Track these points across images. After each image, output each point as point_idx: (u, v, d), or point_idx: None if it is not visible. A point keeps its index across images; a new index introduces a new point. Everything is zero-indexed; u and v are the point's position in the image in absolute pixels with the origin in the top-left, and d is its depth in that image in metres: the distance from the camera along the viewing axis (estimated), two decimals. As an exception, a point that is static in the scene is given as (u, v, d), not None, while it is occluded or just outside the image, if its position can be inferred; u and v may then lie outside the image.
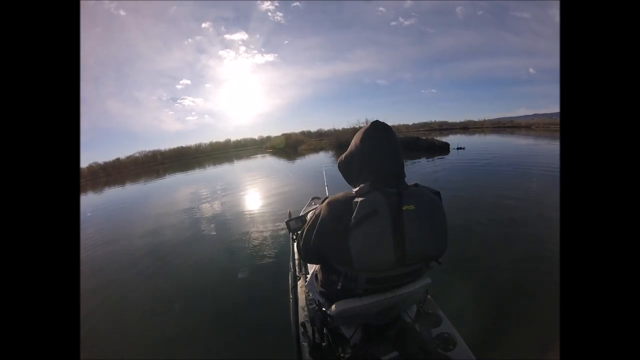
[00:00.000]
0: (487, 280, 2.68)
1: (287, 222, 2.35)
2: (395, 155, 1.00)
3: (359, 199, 0.92)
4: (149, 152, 58.99)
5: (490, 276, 2.75)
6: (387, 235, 0.89)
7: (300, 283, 1.86)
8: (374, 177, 0.98)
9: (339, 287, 1.01)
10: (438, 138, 17.45)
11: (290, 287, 1.85)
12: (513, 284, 2.58)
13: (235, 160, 27.19)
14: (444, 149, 14.03)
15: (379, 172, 0.98)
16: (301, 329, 1.40)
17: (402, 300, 1.01)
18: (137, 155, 57.06)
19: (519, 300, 2.35)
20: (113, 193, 16.32)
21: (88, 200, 14.08)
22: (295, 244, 2.29)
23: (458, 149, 13.42)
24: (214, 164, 26.86)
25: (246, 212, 6.38)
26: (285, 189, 8.22)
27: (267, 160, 21.69)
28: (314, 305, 1.20)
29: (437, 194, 1.01)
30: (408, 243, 0.91)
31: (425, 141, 15.54)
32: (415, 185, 1.01)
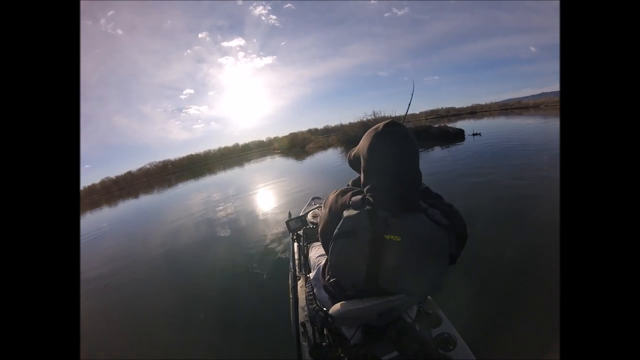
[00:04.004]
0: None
1: (287, 222, 2.43)
2: (401, 172, 0.86)
3: (347, 213, 0.89)
4: (160, 162, 59.35)
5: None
6: (360, 260, 0.88)
7: (300, 283, 1.85)
8: (370, 192, 0.89)
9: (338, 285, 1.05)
10: (449, 125, 16.92)
11: (290, 287, 1.84)
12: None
13: (245, 164, 27.27)
14: (459, 136, 13.42)
15: (375, 189, 0.88)
16: (301, 329, 1.41)
17: (403, 302, 1.00)
18: (148, 166, 57.52)
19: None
20: (127, 205, 16.48)
21: (103, 215, 14.46)
22: (295, 244, 2.35)
23: (474, 135, 12.85)
24: (224, 168, 26.95)
25: (255, 215, 6.29)
26: (296, 190, 7.96)
27: (276, 162, 21.56)
28: (314, 305, 1.19)
29: (451, 214, 0.88)
30: (382, 275, 0.88)
31: (438, 129, 14.90)
32: (427, 207, 0.86)
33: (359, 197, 0.90)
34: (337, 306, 1.02)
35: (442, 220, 0.85)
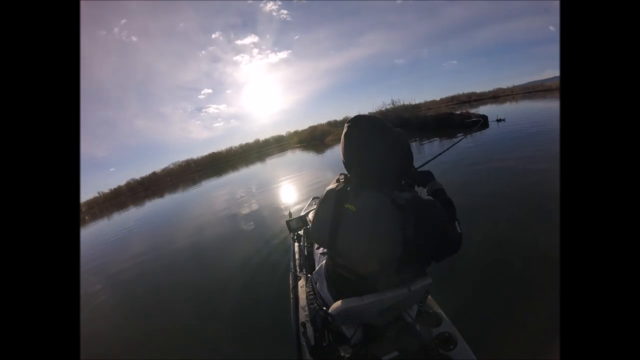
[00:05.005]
0: None
1: (287, 222, 2.38)
2: (363, 159, 1.00)
3: (329, 187, 1.10)
4: (183, 162, 60.69)
5: None
6: (326, 221, 1.04)
7: (300, 283, 1.84)
8: (348, 173, 1.09)
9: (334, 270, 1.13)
10: (471, 110, 16.31)
11: (290, 287, 1.84)
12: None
13: (266, 159, 27.58)
14: (483, 122, 12.91)
15: (348, 171, 1.08)
16: (301, 329, 1.41)
17: (402, 300, 1.02)
18: (171, 166, 58.99)
19: None
20: (153, 204, 17.20)
21: (130, 215, 15.23)
22: (295, 244, 2.36)
23: (498, 120, 12.34)
24: (247, 164, 27.35)
25: (275, 209, 6.36)
26: (315, 182, 7.98)
27: (296, 156, 21.69)
28: (315, 304, 1.20)
29: (408, 205, 0.90)
30: (339, 239, 1.01)
31: (460, 116, 14.42)
32: (393, 190, 0.95)
33: (342, 177, 1.11)
34: (337, 304, 1.03)
35: (399, 200, 0.90)
